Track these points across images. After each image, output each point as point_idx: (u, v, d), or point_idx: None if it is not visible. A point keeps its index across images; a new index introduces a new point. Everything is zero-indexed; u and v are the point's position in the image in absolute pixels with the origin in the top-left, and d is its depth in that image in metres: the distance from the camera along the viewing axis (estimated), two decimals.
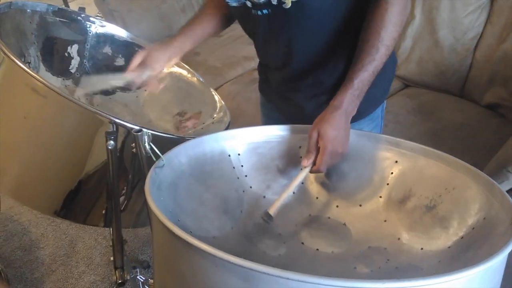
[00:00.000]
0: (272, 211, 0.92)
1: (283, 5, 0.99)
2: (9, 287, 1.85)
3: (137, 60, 1.19)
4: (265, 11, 1.03)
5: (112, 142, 0.97)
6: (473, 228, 0.82)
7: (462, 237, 0.83)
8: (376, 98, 1.19)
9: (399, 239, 0.92)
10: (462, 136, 1.97)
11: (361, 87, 0.98)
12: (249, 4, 1.04)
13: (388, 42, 0.97)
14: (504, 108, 2.10)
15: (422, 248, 0.87)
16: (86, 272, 1.97)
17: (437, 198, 0.92)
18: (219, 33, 1.33)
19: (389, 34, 0.97)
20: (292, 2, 0.98)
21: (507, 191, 0.82)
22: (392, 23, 0.97)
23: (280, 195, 0.94)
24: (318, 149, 0.96)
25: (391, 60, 1.12)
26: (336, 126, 0.95)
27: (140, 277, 1.38)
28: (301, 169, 0.98)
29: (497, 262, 0.63)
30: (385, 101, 1.25)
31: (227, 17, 1.28)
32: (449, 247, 0.83)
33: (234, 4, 1.07)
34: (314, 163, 0.97)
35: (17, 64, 1.00)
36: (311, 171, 0.97)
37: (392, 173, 1.00)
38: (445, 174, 0.93)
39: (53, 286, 1.91)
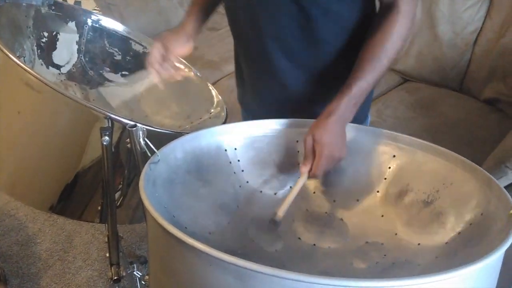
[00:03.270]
0: (278, 216, 0.90)
1: None
2: (5, 282, 1.85)
3: (157, 52, 1.14)
4: None
5: (107, 137, 0.97)
6: (471, 224, 0.82)
7: (459, 233, 0.82)
8: (360, 120, 1.16)
9: (396, 234, 0.91)
10: (460, 131, 1.96)
11: (359, 96, 0.96)
12: None
13: (391, 55, 0.96)
14: (503, 103, 2.09)
15: (419, 244, 0.87)
16: (83, 267, 1.97)
17: (435, 193, 0.91)
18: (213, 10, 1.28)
19: (393, 47, 0.96)
20: None
21: (505, 187, 0.81)
22: (398, 36, 0.95)
23: (282, 202, 0.92)
24: (314, 155, 0.95)
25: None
26: (331, 132, 0.94)
27: (137, 273, 1.38)
28: (299, 176, 0.96)
29: (495, 259, 0.62)
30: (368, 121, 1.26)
31: None
32: (446, 243, 0.83)
33: None
34: (311, 169, 0.96)
35: (11, 58, 0.99)
36: (308, 177, 0.96)
37: (390, 167, 1.00)
38: (443, 169, 0.92)
39: (50, 281, 1.90)
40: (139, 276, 1.39)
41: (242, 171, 1.02)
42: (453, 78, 2.27)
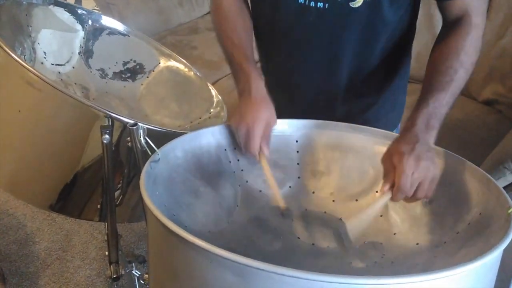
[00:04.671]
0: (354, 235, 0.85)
1: (350, 3, 0.90)
2: (4, 281, 1.85)
3: (258, 140, 0.93)
4: (320, 5, 0.92)
5: (107, 136, 0.97)
6: (469, 224, 0.82)
7: (458, 233, 0.83)
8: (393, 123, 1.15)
9: (395, 234, 0.92)
10: (459, 132, 1.97)
11: (439, 108, 0.86)
12: None
13: (468, 66, 0.89)
14: (501, 104, 2.10)
15: (418, 243, 0.87)
16: (81, 266, 1.97)
17: (433, 194, 0.91)
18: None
19: (469, 58, 0.89)
20: (364, 1, 0.89)
21: (504, 188, 0.82)
22: (473, 47, 0.90)
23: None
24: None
25: (404, 84, 1.07)
26: (409, 142, 0.82)
27: (136, 272, 1.38)
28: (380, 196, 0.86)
29: (493, 258, 0.63)
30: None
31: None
32: (445, 243, 0.83)
33: None
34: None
35: (12, 57, 0.99)
36: (393, 196, 0.83)
37: None
38: (441, 169, 0.92)
39: (48, 280, 1.90)
40: (137, 275, 1.39)
41: (242, 170, 1.03)
42: None
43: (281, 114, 1.01)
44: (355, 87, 1.09)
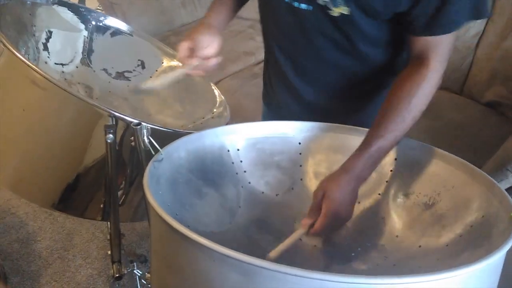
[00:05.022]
0: (270, 256, 0.84)
1: (329, 11, 0.92)
2: (5, 280, 1.85)
3: (184, 51, 1.09)
4: (303, 6, 0.96)
5: (111, 135, 0.97)
6: (472, 227, 0.82)
7: (460, 235, 0.83)
8: None
9: (397, 236, 0.92)
10: (461, 134, 1.97)
11: (378, 155, 0.90)
12: None
13: (416, 114, 0.91)
14: (504, 106, 2.10)
15: (420, 246, 0.87)
16: (83, 265, 1.97)
17: (436, 196, 0.91)
18: (239, 9, 1.23)
19: (419, 106, 0.90)
20: (342, 14, 0.91)
21: (506, 190, 0.81)
22: (424, 94, 0.90)
23: (279, 245, 0.86)
24: (320, 210, 0.88)
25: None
26: (344, 190, 0.87)
27: (137, 271, 1.38)
28: (300, 227, 0.90)
29: (495, 260, 0.63)
30: None
31: None
32: (447, 245, 0.83)
33: None
34: (313, 225, 0.89)
35: (16, 56, 1.00)
36: (307, 233, 0.89)
37: (391, 170, 1.00)
38: (444, 172, 0.92)
39: (50, 279, 1.91)
40: (139, 274, 1.39)
41: (245, 171, 1.03)
42: (454, 81, 2.27)
43: (282, 109, 1.16)
44: (340, 92, 1.11)
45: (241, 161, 1.03)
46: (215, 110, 1.36)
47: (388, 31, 0.97)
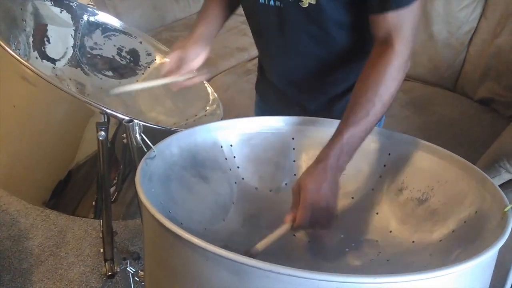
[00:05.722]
0: (256, 249, 0.83)
1: (300, 3, 0.96)
2: None
3: (172, 62, 1.12)
4: (273, 3, 0.99)
5: (103, 132, 0.96)
6: (465, 222, 0.82)
7: (453, 231, 0.83)
8: None
9: (390, 232, 0.92)
10: (455, 131, 1.97)
11: (351, 143, 0.89)
12: None
13: (386, 98, 0.91)
14: (497, 103, 2.10)
15: (413, 241, 0.87)
16: (75, 263, 1.96)
17: (430, 192, 0.92)
18: (229, 17, 1.26)
19: (387, 90, 0.91)
20: (309, 3, 0.95)
21: (499, 186, 0.82)
22: (392, 78, 0.91)
23: (264, 239, 0.84)
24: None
25: None
26: (317, 178, 0.86)
27: (130, 269, 1.37)
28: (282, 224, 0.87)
29: (489, 257, 0.63)
30: None
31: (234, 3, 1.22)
32: (440, 241, 0.83)
33: None
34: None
35: (7, 51, 0.98)
36: (292, 228, 0.86)
37: (385, 165, 1.00)
38: (437, 167, 0.93)
39: (42, 276, 1.90)
40: (132, 272, 1.38)
41: (238, 167, 1.02)
42: (447, 77, 2.27)
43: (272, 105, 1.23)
44: (317, 84, 1.14)
45: (234, 157, 1.02)
46: (208, 107, 1.36)
47: (354, 13, 0.98)
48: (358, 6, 0.95)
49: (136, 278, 1.39)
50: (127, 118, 0.95)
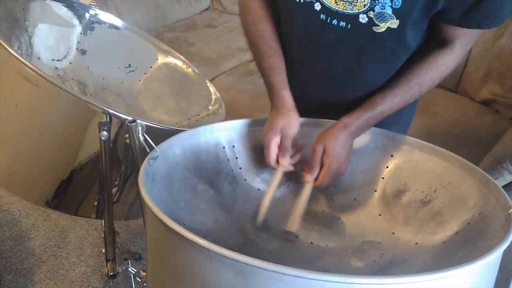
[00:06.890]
0: (293, 227, 0.91)
1: (374, 27, 0.88)
2: None
3: (274, 150, 0.95)
4: (336, 22, 0.91)
5: (105, 132, 0.96)
6: (468, 224, 0.82)
7: (457, 233, 0.83)
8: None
9: (393, 233, 0.92)
10: (456, 132, 1.97)
11: (379, 117, 0.95)
12: (318, 7, 0.91)
13: (425, 89, 0.95)
14: (499, 104, 2.10)
15: (416, 243, 0.87)
16: (77, 263, 1.96)
17: (433, 193, 0.91)
18: None
19: (430, 87, 0.95)
20: (388, 27, 0.87)
21: (502, 187, 0.81)
22: (440, 78, 0.95)
23: (292, 214, 0.93)
24: (321, 165, 0.94)
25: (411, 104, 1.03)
26: (344, 146, 0.93)
27: (132, 269, 1.37)
28: (303, 184, 0.96)
29: (493, 258, 0.62)
30: None
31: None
32: (443, 243, 0.83)
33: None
34: (316, 178, 0.95)
35: (8, 51, 0.98)
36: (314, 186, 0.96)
37: (387, 167, 1.00)
38: (440, 169, 0.92)
39: (43, 276, 1.89)
40: (134, 272, 1.38)
41: (240, 168, 1.02)
42: (449, 78, 2.25)
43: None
44: (355, 105, 1.03)
45: (236, 158, 1.02)
46: (210, 107, 1.36)
47: (425, 37, 0.96)
48: (432, 27, 0.93)
49: (138, 278, 1.39)
50: (130, 118, 0.95)
